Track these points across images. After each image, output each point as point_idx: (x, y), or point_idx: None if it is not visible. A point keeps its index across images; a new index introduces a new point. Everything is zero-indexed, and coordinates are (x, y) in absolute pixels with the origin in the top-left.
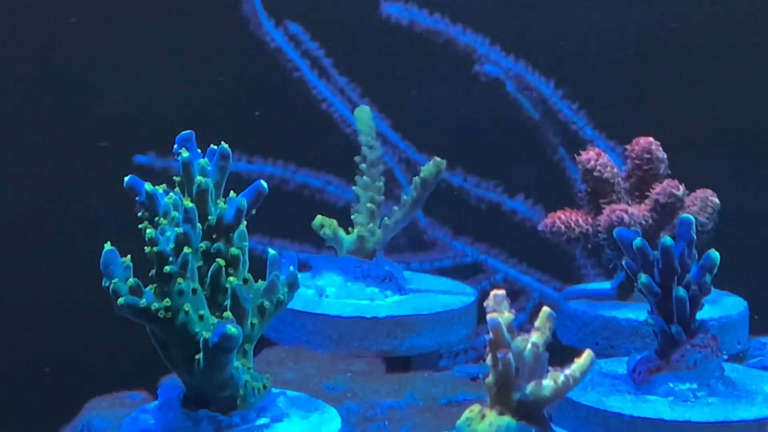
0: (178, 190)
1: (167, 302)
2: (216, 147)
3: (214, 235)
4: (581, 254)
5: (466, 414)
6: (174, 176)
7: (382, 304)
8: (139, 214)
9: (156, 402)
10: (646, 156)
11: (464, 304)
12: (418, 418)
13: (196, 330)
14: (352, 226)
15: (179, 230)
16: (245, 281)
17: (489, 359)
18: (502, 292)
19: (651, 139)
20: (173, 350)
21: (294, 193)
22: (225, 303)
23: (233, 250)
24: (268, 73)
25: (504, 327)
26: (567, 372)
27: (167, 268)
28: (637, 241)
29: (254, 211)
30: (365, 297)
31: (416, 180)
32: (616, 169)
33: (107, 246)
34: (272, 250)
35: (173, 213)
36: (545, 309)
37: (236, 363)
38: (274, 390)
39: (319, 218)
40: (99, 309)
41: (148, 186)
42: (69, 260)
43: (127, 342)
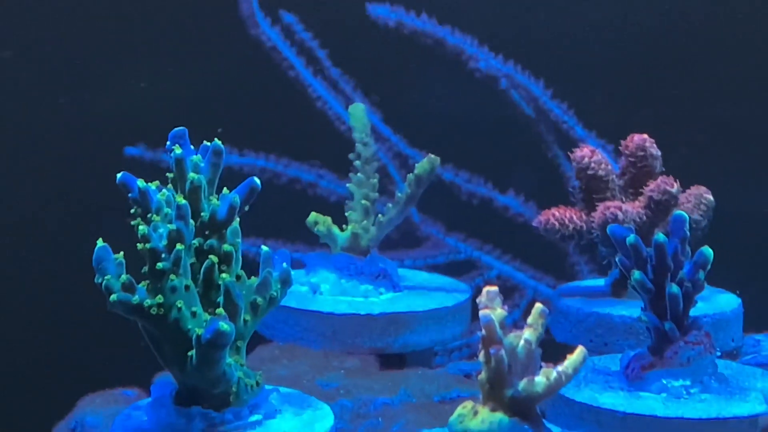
0: (171, 187)
1: (160, 299)
2: (209, 143)
3: (207, 232)
4: (575, 251)
5: (459, 410)
6: (167, 172)
7: (376, 301)
8: (132, 211)
9: (149, 399)
10: (640, 153)
11: (458, 302)
12: (412, 415)
13: (189, 327)
14: (346, 223)
15: (172, 227)
16: (238, 278)
17: (481, 356)
18: (495, 289)
19: (645, 136)
20: (166, 347)
21: (286, 188)
22: (218, 300)
23: (226, 247)
24: (262, 68)
25: (496, 323)
26: (559, 368)
27: (160, 265)
28: (631, 238)
29: (247, 208)
30: (359, 294)
31: (410, 177)
32: (610, 167)
33: (100, 242)
34: (265, 247)
35: (166, 210)
36: (538, 305)
37: (229, 360)
38: (267, 387)
39: (314, 215)
40: (92, 306)
41: (141, 182)
42: (62, 257)
43: (121, 339)
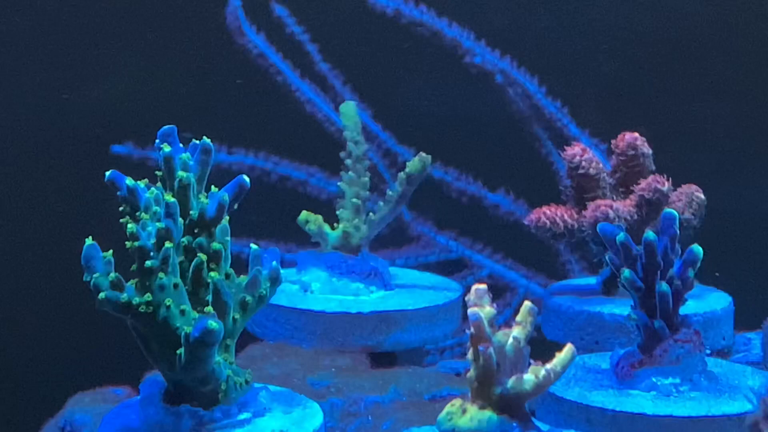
0: (160, 185)
1: (148, 297)
2: (198, 141)
3: (196, 230)
4: (566, 250)
5: (447, 408)
6: (156, 170)
7: (367, 300)
8: (121, 209)
9: (138, 397)
10: (631, 152)
11: (449, 300)
12: (402, 413)
13: (178, 325)
14: (337, 221)
15: (161, 225)
16: (227, 276)
17: (470, 353)
18: (484, 287)
19: (636, 135)
20: (154, 345)
21: (276, 186)
22: (207, 298)
23: (215, 245)
24: (251, 65)
25: (485, 321)
26: (548, 366)
27: (148, 263)
28: (620, 236)
29: (236, 206)
30: (350, 292)
31: (402, 175)
32: (602, 165)
33: (88, 240)
34: (254, 245)
35: (155, 208)
36: (526, 303)
37: (218, 358)
38: (256, 385)
39: (305, 213)
40: (81, 304)
41: (130, 180)
42: (51, 255)
43: (111, 337)
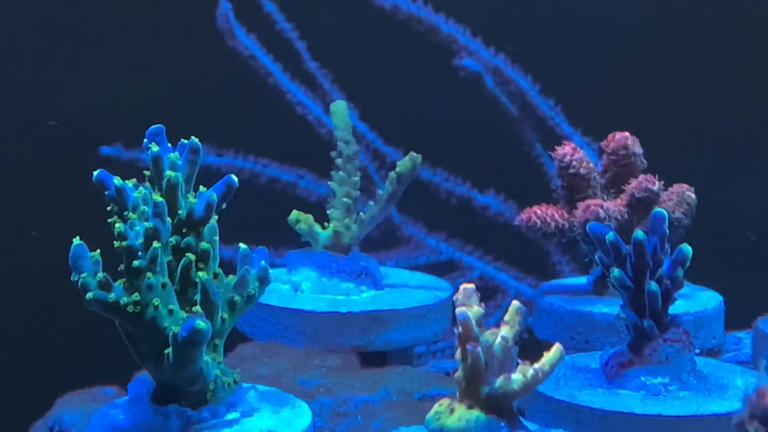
0: (148, 185)
1: (136, 297)
2: (186, 141)
3: (184, 230)
4: (557, 250)
5: (435, 408)
6: (144, 170)
7: (358, 299)
8: (108, 209)
9: (126, 397)
10: (622, 151)
11: (439, 299)
12: (391, 413)
13: (166, 324)
14: (327, 221)
15: (149, 225)
16: (216, 276)
17: (458, 353)
18: (472, 286)
19: (627, 134)
20: (142, 345)
21: (265, 188)
22: (195, 298)
23: (203, 245)
24: (241, 66)
25: (473, 320)
26: (536, 366)
27: (136, 263)
28: (609, 236)
29: (225, 206)
30: (341, 292)
31: (392, 175)
32: (592, 165)
33: (76, 240)
34: (243, 245)
35: (143, 207)
36: (515, 303)
37: (206, 357)
38: (245, 385)
39: (295, 213)
40: (70, 304)
41: (117, 180)
42: (38, 255)
43: (99, 337)
